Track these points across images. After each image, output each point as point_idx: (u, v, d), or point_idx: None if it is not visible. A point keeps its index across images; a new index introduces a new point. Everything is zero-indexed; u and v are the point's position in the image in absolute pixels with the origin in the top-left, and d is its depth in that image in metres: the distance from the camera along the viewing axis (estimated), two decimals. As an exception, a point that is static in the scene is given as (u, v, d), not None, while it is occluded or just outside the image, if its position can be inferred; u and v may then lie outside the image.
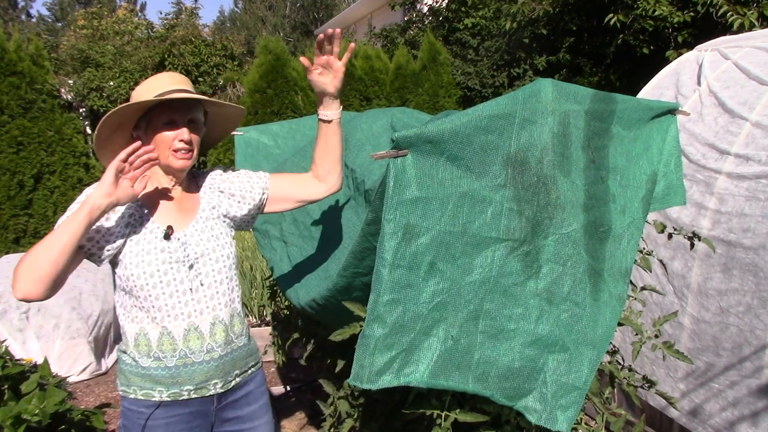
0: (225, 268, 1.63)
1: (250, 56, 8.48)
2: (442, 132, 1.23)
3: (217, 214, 1.67)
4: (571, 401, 1.44)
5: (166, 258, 1.53)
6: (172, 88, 1.53)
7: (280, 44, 6.33)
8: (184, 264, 1.55)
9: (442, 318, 1.32)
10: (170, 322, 1.54)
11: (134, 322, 1.56)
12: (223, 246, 1.63)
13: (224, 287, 1.62)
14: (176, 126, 1.54)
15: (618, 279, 1.53)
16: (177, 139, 1.53)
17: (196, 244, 1.58)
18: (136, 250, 1.52)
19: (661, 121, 1.68)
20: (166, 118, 1.53)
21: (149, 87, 1.54)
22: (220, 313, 1.61)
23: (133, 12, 16.51)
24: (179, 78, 1.59)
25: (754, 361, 2.33)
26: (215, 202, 1.68)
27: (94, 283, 4.52)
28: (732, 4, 4.28)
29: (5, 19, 21.98)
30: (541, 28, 6.09)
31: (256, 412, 1.74)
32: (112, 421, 3.54)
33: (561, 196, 1.36)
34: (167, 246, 1.54)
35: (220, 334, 1.60)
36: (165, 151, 1.53)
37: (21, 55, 5.90)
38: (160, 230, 1.54)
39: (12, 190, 5.77)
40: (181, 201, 1.63)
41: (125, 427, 1.59)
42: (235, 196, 1.69)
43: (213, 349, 1.59)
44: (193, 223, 1.61)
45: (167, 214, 1.59)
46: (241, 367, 1.68)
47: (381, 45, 9.13)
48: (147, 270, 1.51)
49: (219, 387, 1.62)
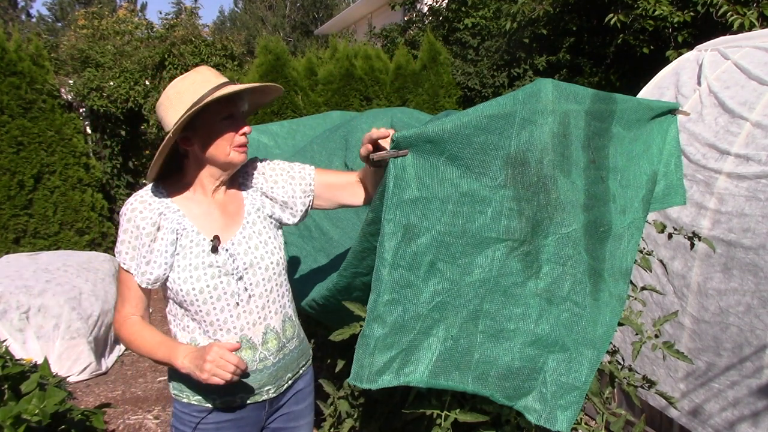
0: (275, 275, 1.57)
1: (250, 56, 8.48)
2: (442, 132, 1.23)
3: (263, 215, 1.60)
4: (571, 401, 1.44)
5: (214, 273, 1.47)
6: (221, 81, 1.46)
7: (280, 44, 6.33)
8: (233, 276, 1.49)
9: (441, 318, 1.32)
10: (222, 335, 1.50)
11: (185, 331, 1.52)
12: (272, 252, 1.57)
13: (274, 295, 1.57)
14: (235, 120, 1.48)
15: (618, 279, 1.53)
16: (239, 134, 1.47)
17: (245, 253, 1.52)
18: (183, 264, 1.46)
19: (662, 121, 1.68)
20: (226, 112, 1.46)
21: (195, 82, 1.44)
22: (271, 322, 1.56)
23: (133, 12, 16.51)
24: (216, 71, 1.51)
25: (755, 361, 2.33)
26: (259, 204, 1.60)
27: (94, 283, 4.52)
28: (732, 4, 4.28)
29: (5, 19, 21.98)
30: (541, 28, 6.09)
31: (302, 411, 1.72)
32: (111, 421, 3.54)
33: (561, 196, 1.36)
34: (215, 260, 1.48)
35: (272, 342, 1.56)
36: (225, 148, 1.46)
37: (21, 55, 5.89)
38: (206, 242, 1.48)
39: (12, 190, 5.76)
40: (226, 204, 1.56)
41: (176, 429, 1.58)
42: (277, 200, 1.61)
43: (266, 357, 1.56)
44: (240, 229, 1.54)
45: (212, 221, 1.52)
46: (293, 369, 1.65)
47: (381, 45, 9.13)
48: (196, 286, 1.46)
49: (272, 392, 1.60)
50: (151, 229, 1.45)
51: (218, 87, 1.44)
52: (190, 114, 1.40)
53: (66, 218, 6.02)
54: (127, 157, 7.27)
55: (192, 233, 1.48)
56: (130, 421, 3.58)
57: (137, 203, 1.47)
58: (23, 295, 4.02)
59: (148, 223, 1.45)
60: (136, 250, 1.46)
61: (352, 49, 6.30)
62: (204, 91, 1.42)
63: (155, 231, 1.45)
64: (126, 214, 1.46)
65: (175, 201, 1.50)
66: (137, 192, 1.51)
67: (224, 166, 1.51)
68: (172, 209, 1.49)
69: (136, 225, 1.45)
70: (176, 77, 6.75)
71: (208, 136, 1.46)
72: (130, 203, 1.47)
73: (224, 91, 1.42)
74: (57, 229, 5.99)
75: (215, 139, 1.45)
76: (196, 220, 1.50)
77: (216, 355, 1.32)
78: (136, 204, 1.47)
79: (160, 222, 1.46)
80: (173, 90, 1.45)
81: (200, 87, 1.43)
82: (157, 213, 1.46)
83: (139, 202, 1.47)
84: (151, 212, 1.46)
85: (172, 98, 1.44)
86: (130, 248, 1.46)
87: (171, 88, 1.46)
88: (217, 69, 6.72)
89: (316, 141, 2.56)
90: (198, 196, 1.53)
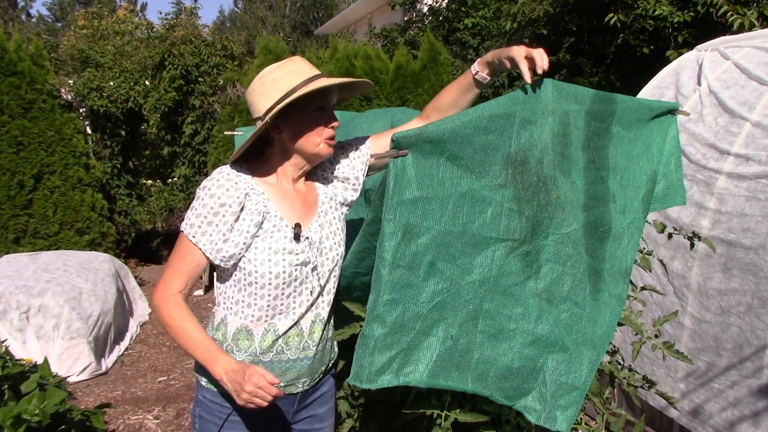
0: (337, 267, 1.59)
1: (250, 56, 8.47)
2: (442, 132, 1.23)
3: (336, 204, 1.62)
4: (571, 401, 1.44)
5: (293, 260, 1.48)
6: (315, 73, 1.47)
7: (280, 44, 6.33)
8: (308, 265, 1.51)
9: (441, 318, 1.32)
10: (280, 320, 1.51)
11: (237, 315, 1.51)
12: (339, 244, 1.59)
13: (330, 285, 1.58)
14: (326, 112, 1.48)
15: (618, 279, 1.53)
16: (329, 127, 1.48)
17: (320, 242, 1.54)
18: (263, 247, 1.46)
19: (661, 121, 1.67)
20: (319, 103, 1.46)
21: (291, 71, 1.45)
22: (321, 312, 1.57)
23: (133, 12, 16.52)
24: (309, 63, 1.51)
25: (755, 361, 2.33)
26: (331, 192, 1.62)
27: (94, 283, 4.53)
28: (732, 4, 4.28)
29: (5, 19, 21.99)
30: (541, 28, 6.08)
31: (326, 414, 1.73)
32: (111, 421, 3.54)
33: (561, 196, 1.36)
34: (295, 247, 1.48)
35: (317, 332, 1.57)
36: (315, 139, 1.47)
37: (21, 55, 5.90)
38: (288, 229, 1.48)
39: (12, 190, 5.77)
40: (305, 194, 1.57)
41: (202, 418, 1.56)
42: (339, 179, 1.63)
43: (309, 347, 1.56)
44: (316, 218, 1.55)
45: (294, 209, 1.52)
46: (326, 363, 1.66)
47: (381, 45, 9.13)
48: (274, 270, 1.46)
49: (306, 385, 1.60)
50: (237, 208, 1.43)
51: (312, 78, 1.44)
52: (286, 103, 1.41)
53: (66, 218, 6.02)
54: (127, 157, 7.28)
55: (275, 218, 1.48)
56: (130, 421, 3.58)
57: (224, 180, 1.45)
58: (23, 295, 4.02)
59: (234, 202, 1.43)
60: (212, 226, 1.43)
61: (352, 49, 6.30)
62: (298, 81, 1.43)
63: (239, 210, 1.44)
64: (210, 188, 1.44)
65: (259, 184, 1.50)
66: (220, 168, 1.49)
67: (311, 158, 1.52)
68: (257, 191, 1.48)
69: (221, 202, 1.42)
70: (176, 77, 6.72)
71: (299, 126, 1.47)
72: (216, 179, 1.45)
73: (318, 84, 1.42)
74: (57, 229, 5.99)
75: (306, 131, 1.46)
76: (279, 206, 1.50)
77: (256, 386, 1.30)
78: (222, 180, 1.44)
79: (245, 202, 1.45)
80: (269, 77, 1.46)
81: (295, 77, 1.44)
82: (243, 193, 1.45)
83: (225, 179, 1.45)
84: (237, 191, 1.44)
85: (266, 85, 1.45)
86: (204, 223, 1.43)
87: (267, 74, 1.46)
88: (216, 69, 6.72)
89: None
90: (281, 183, 1.53)
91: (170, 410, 3.71)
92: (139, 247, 7.37)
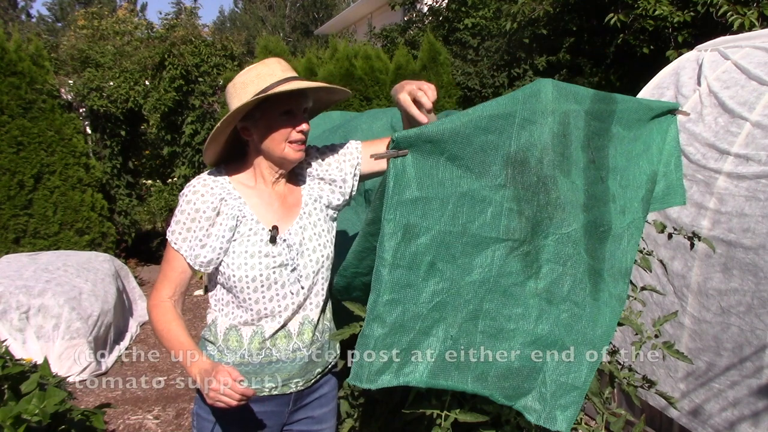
0: (323, 269, 1.59)
1: (250, 56, 8.47)
2: (442, 132, 1.23)
3: (320, 206, 1.62)
4: (571, 401, 1.44)
5: (269, 263, 1.49)
6: (287, 76, 1.46)
7: (280, 44, 6.33)
8: (287, 268, 1.51)
9: (441, 318, 1.32)
10: (267, 323, 1.52)
11: (227, 317, 1.54)
12: (324, 245, 1.59)
13: (318, 287, 1.59)
14: (293, 116, 1.48)
15: (618, 279, 1.53)
16: (296, 131, 1.48)
17: (300, 244, 1.53)
18: (239, 251, 1.48)
19: (661, 121, 1.67)
20: (285, 107, 1.46)
21: (260, 74, 1.45)
22: (310, 314, 1.58)
23: (133, 12, 16.52)
24: (286, 64, 1.51)
25: (755, 361, 2.33)
26: (317, 194, 1.62)
27: (94, 283, 4.52)
28: (732, 4, 4.28)
29: (5, 19, 21.98)
30: (541, 28, 6.08)
31: (326, 415, 1.73)
32: (111, 421, 3.54)
33: (561, 196, 1.36)
34: (272, 250, 1.49)
35: (307, 334, 1.57)
36: (281, 143, 1.47)
37: (21, 55, 5.90)
38: (265, 232, 1.50)
39: (12, 190, 5.77)
40: (286, 196, 1.57)
41: (198, 416, 1.58)
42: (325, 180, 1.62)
43: (299, 348, 1.57)
44: (297, 219, 1.55)
45: (272, 212, 1.53)
46: (322, 364, 1.66)
47: (381, 45, 9.12)
48: (250, 274, 1.48)
49: (300, 385, 1.60)
50: (211, 213, 1.46)
51: (282, 81, 1.44)
52: (248, 105, 1.42)
53: (66, 218, 6.02)
54: (126, 157, 7.27)
55: (251, 222, 1.49)
56: (130, 421, 3.58)
57: (200, 186, 1.48)
58: (23, 295, 4.02)
59: (209, 207, 1.46)
60: (191, 232, 1.47)
61: (352, 49, 6.30)
62: (266, 84, 1.44)
63: (214, 216, 1.46)
64: (187, 195, 1.47)
65: (237, 188, 1.51)
66: (200, 175, 1.52)
67: (279, 161, 1.52)
68: (233, 196, 1.49)
69: (195, 208, 1.46)
70: (176, 77, 6.74)
71: (265, 128, 1.47)
72: (193, 185, 1.48)
73: (285, 87, 1.42)
74: (57, 229, 5.99)
75: (271, 133, 1.47)
76: (256, 209, 1.51)
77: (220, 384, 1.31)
78: (198, 187, 1.48)
79: (220, 207, 1.47)
80: (240, 80, 1.47)
81: (264, 80, 1.44)
82: (218, 198, 1.47)
83: (201, 185, 1.48)
84: (213, 196, 1.47)
85: (237, 87, 1.47)
86: (184, 229, 1.47)
87: (239, 77, 1.48)
88: (216, 69, 6.72)
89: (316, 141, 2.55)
90: (259, 185, 1.54)
91: (170, 410, 3.71)
92: (139, 247, 7.38)
